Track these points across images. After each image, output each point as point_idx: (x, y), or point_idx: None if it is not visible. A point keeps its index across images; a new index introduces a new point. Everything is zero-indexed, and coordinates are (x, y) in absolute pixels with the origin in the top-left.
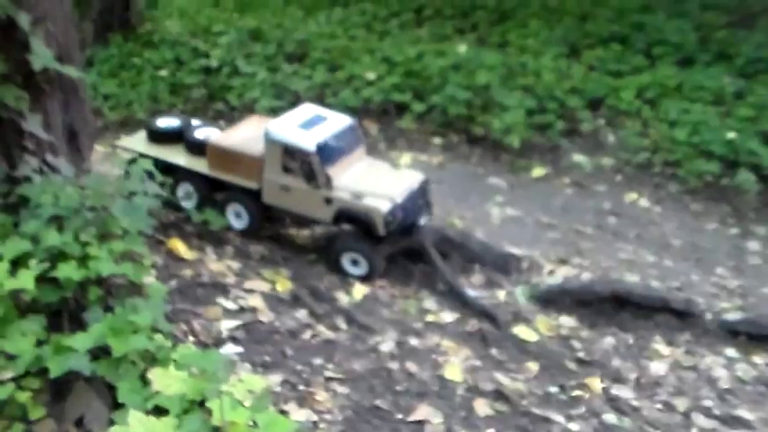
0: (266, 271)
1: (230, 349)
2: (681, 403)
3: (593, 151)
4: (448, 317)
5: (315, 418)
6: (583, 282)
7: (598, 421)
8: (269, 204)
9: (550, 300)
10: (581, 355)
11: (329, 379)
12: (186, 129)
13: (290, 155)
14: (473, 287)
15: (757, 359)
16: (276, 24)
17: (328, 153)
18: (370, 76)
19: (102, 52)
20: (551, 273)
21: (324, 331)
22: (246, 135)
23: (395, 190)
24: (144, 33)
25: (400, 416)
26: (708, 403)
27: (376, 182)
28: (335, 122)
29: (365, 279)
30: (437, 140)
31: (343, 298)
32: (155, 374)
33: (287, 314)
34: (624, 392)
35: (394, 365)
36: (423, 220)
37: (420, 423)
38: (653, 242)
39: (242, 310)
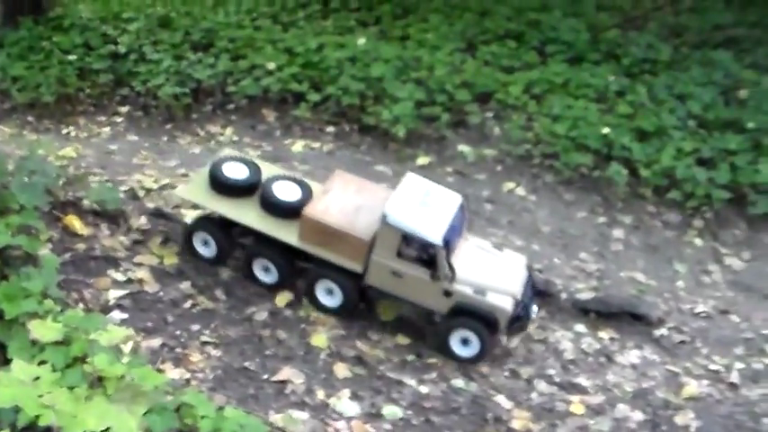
0: (156, 247)
1: (116, 316)
2: (526, 371)
3: (478, 142)
4: None
5: (188, 375)
6: None
7: (447, 385)
8: (371, 287)
9: None
10: None
11: (204, 343)
12: (264, 183)
13: (409, 242)
14: None
15: (603, 334)
16: (185, 12)
17: (450, 242)
18: (271, 66)
19: (11, 35)
20: None
21: (204, 301)
22: (346, 207)
23: (514, 284)
24: (55, 17)
25: (266, 376)
26: (551, 372)
27: (493, 273)
28: (449, 203)
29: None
30: (330, 129)
31: (224, 272)
32: (33, 325)
33: (171, 286)
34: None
35: (266, 333)
36: (534, 313)
37: (283, 383)
38: (524, 228)
39: (130, 281)
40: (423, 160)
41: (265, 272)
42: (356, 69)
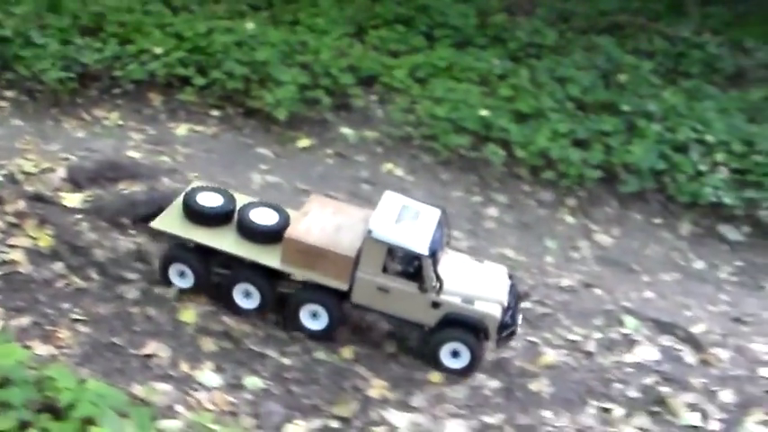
0: (31, 229)
1: None
2: (390, 345)
3: (360, 125)
4: None
5: (56, 352)
6: None
7: (309, 357)
8: (357, 305)
9: None
10: None
11: (74, 320)
12: (241, 210)
13: (394, 256)
14: None
15: None
16: None
17: (436, 253)
18: (158, 50)
19: None
20: None
21: (76, 281)
22: (326, 227)
23: (500, 291)
24: None
25: (132, 351)
26: (410, 343)
27: (478, 282)
28: (430, 216)
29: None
30: (215, 113)
31: (99, 252)
32: None
33: (45, 266)
34: (341, 333)
35: (135, 310)
36: (519, 322)
37: (149, 356)
38: None
39: (3, 262)
40: (304, 143)
41: (246, 298)
42: (242, 53)
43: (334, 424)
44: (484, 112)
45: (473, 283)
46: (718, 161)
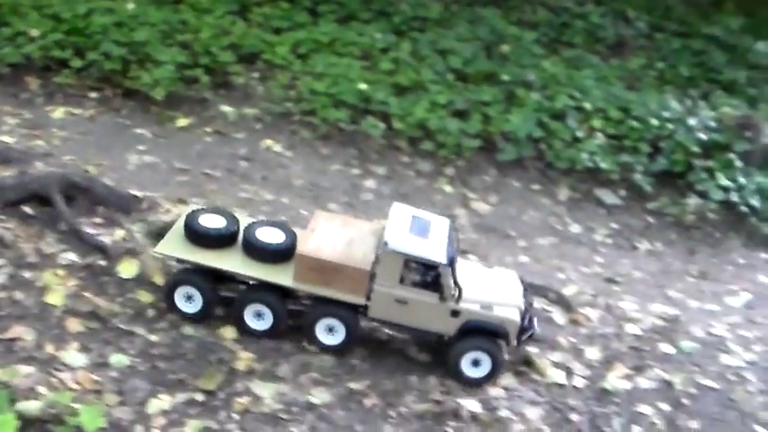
0: None
1: None
2: None
3: (240, 103)
4: (65, 253)
5: None
6: None
7: (177, 332)
8: (375, 319)
9: (163, 235)
10: None
11: None
12: (246, 230)
13: (411, 267)
14: (93, 226)
15: None
16: None
17: (454, 261)
18: (35, 32)
19: None
20: (167, 212)
21: None
22: (337, 242)
23: (515, 295)
24: None
25: None
26: None
27: (493, 288)
28: (440, 225)
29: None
30: (93, 95)
31: None
32: None
33: None
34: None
35: (3, 295)
36: (537, 326)
37: (13, 340)
38: (277, 183)
39: None
40: (183, 122)
41: (258, 319)
42: (120, 34)
43: (199, 397)
44: (363, 86)
45: (489, 289)
46: (595, 127)
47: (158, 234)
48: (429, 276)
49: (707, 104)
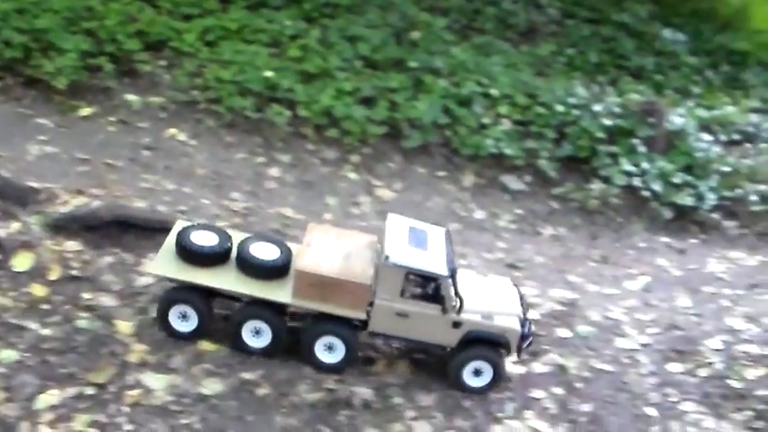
0: None
1: None
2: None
3: (146, 91)
4: None
5: None
6: (90, 208)
7: (70, 326)
8: (375, 333)
9: (60, 227)
10: (74, 273)
11: None
12: (240, 247)
13: (411, 280)
14: None
15: None
16: None
17: (454, 273)
18: None
19: None
20: (65, 203)
21: None
22: (334, 257)
23: (514, 303)
24: None
25: None
26: None
27: (492, 297)
28: (438, 236)
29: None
30: None
31: None
32: None
33: None
34: (106, 300)
35: None
36: (533, 329)
37: None
38: (179, 172)
39: None
40: (86, 111)
41: (256, 336)
42: (22, 21)
43: (90, 391)
44: (269, 74)
45: (488, 298)
46: (502, 114)
47: (54, 226)
48: (429, 288)
49: (615, 90)
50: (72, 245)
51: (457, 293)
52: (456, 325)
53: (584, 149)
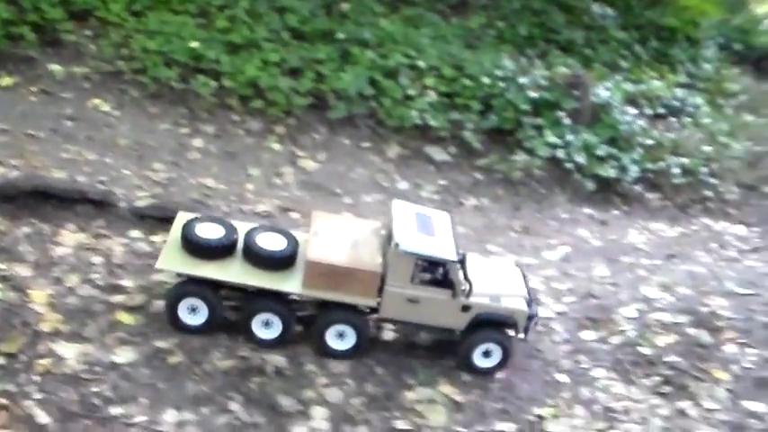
0: None
1: None
2: (72, 278)
3: (70, 61)
4: None
5: None
6: (8, 179)
7: None
8: (385, 318)
9: None
10: None
11: None
12: (246, 238)
13: (423, 266)
14: None
15: (156, 238)
16: None
17: (463, 258)
18: None
19: None
20: None
21: None
22: (343, 245)
23: (519, 284)
24: None
25: None
26: (95, 276)
27: (498, 279)
28: (443, 221)
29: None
30: None
31: None
32: None
33: None
34: (22, 271)
35: None
36: (537, 314)
37: None
38: (101, 143)
39: None
40: (7, 81)
41: (266, 327)
42: None
43: (0, 360)
44: (195, 45)
45: (495, 280)
46: (428, 86)
47: None
48: (439, 274)
49: (544, 64)
50: None
51: (466, 278)
52: (465, 308)
53: (509, 121)
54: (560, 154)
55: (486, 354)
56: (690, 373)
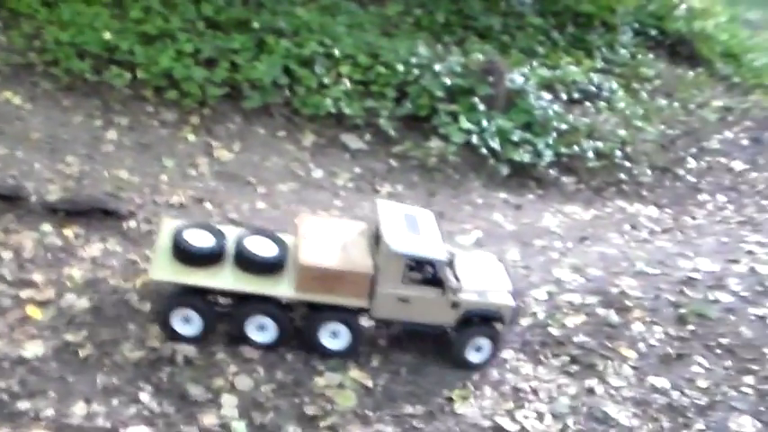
0: None
1: None
2: None
3: None
4: None
5: None
6: None
7: None
8: (376, 318)
9: None
10: None
11: None
12: (236, 243)
13: (413, 266)
14: None
15: (68, 232)
16: None
17: (452, 257)
18: None
19: None
20: None
21: None
22: (333, 248)
23: (503, 278)
24: None
25: None
26: (4, 271)
27: (483, 274)
28: (427, 220)
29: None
30: None
31: None
32: None
33: None
34: None
35: None
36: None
37: None
38: (13, 136)
39: None
40: None
41: (261, 331)
42: None
43: None
44: (108, 36)
45: (480, 276)
46: (343, 74)
47: None
48: (428, 272)
49: (461, 51)
50: None
51: (456, 276)
52: (455, 305)
53: (423, 108)
54: (475, 140)
55: (478, 349)
56: (597, 352)
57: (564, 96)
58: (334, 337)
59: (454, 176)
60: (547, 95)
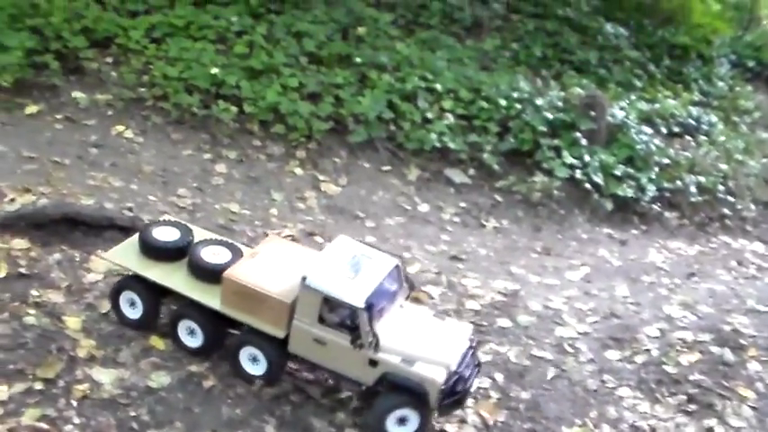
0: None
1: None
2: (104, 304)
3: (93, 89)
4: None
5: None
6: (37, 206)
7: (19, 323)
8: (295, 354)
9: (7, 225)
10: (22, 270)
11: None
12: (194, 247)
13: (331, 306)
14: None
15: None
16: None
17: (376, 307)
18: None
19: None
20: (12, 201)
21: None
22: (271, 270)
23: (449, 353)
24: None
25: None
26: None
27: (427, 342)
28: (380, 267)
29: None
30: None
31: None
32: None
33: None
34: (54, 297)
35: None
36: (473, 389)
37: None
38: (126, 169)
39: None
40: (32, 109)
41: (191, 335)
42: None
43: (38, 386)
44: (215, 71)
45: (420, 341)
46: (445, 108)
47: (2, 224)
48: (349, 319)
49: (558, 84)
50: (19, 243)
51: (371, 329)
52: (372, 363)
53: (526, 143)
54: (578, 174)
55: (402, 420)
56: (715, 392)
57: (664, 130)
58: (254, 362)
59: (559, 211)
60: (647, 129)
